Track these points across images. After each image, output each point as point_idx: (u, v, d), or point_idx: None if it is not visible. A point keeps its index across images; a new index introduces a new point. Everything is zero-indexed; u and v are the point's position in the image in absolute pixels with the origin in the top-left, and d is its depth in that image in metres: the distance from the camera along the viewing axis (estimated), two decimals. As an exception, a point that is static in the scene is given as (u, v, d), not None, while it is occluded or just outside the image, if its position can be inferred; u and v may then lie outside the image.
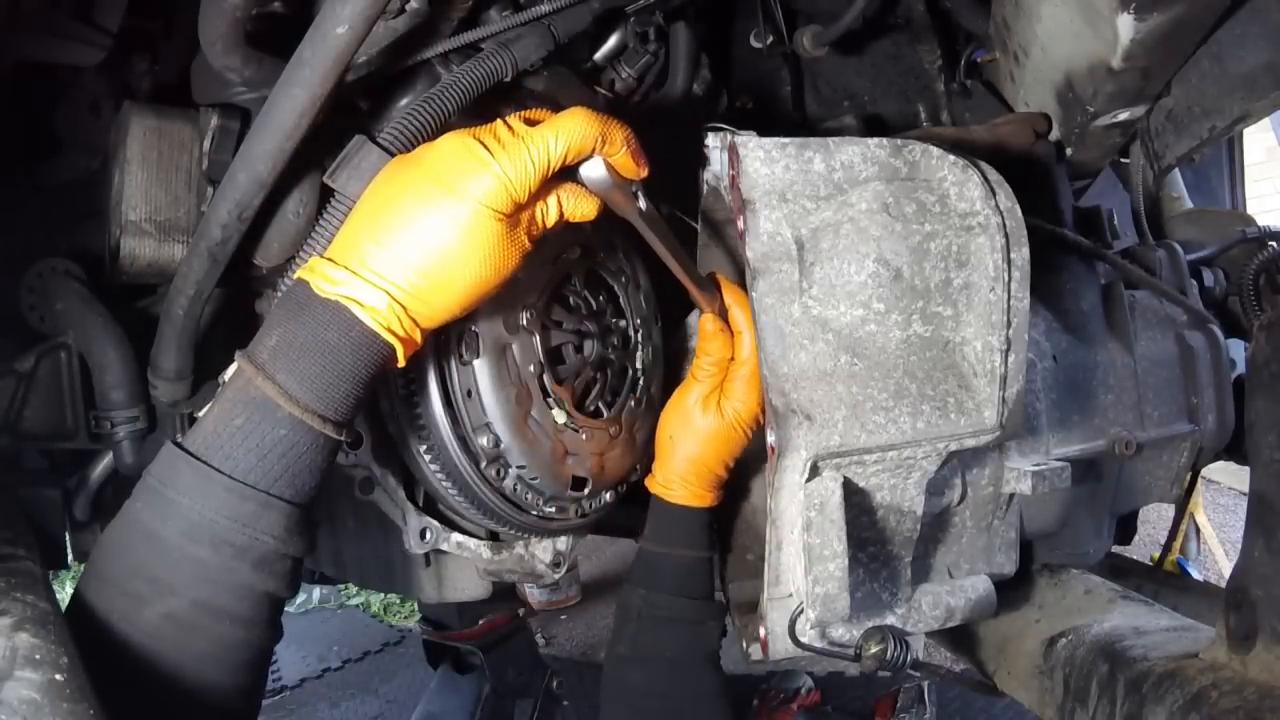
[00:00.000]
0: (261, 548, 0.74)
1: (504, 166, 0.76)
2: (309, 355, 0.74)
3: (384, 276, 0.75)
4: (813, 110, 1.51)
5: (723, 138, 0.97)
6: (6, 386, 1.05)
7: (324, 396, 0.75)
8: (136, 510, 0.74)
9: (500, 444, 0.99)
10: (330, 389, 0.75)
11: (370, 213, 0.77)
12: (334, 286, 0.74)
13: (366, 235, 0.76)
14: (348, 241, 0.77)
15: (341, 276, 0.75)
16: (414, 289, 0.76)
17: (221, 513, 0.72)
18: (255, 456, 0.73)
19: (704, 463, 1.05)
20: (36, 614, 0.67)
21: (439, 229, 0.75)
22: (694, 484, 1.06)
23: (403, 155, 0.82)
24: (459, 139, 0.77)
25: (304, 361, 0.74)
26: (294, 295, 0.77)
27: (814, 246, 0.93)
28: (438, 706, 2.61)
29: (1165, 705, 0.94)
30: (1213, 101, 1.25)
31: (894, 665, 0.90)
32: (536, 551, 1.18)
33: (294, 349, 0.74)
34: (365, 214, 0.78)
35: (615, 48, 1.13)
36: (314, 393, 0.74)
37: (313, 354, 0.74)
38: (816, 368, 0.92)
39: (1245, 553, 0.92)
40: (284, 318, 0.76)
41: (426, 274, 0.75)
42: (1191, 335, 1.42)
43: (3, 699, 0.58)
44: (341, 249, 0.77)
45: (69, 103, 1.11)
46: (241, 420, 0.73)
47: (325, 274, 0.75)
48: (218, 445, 0.73)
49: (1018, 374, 0.95)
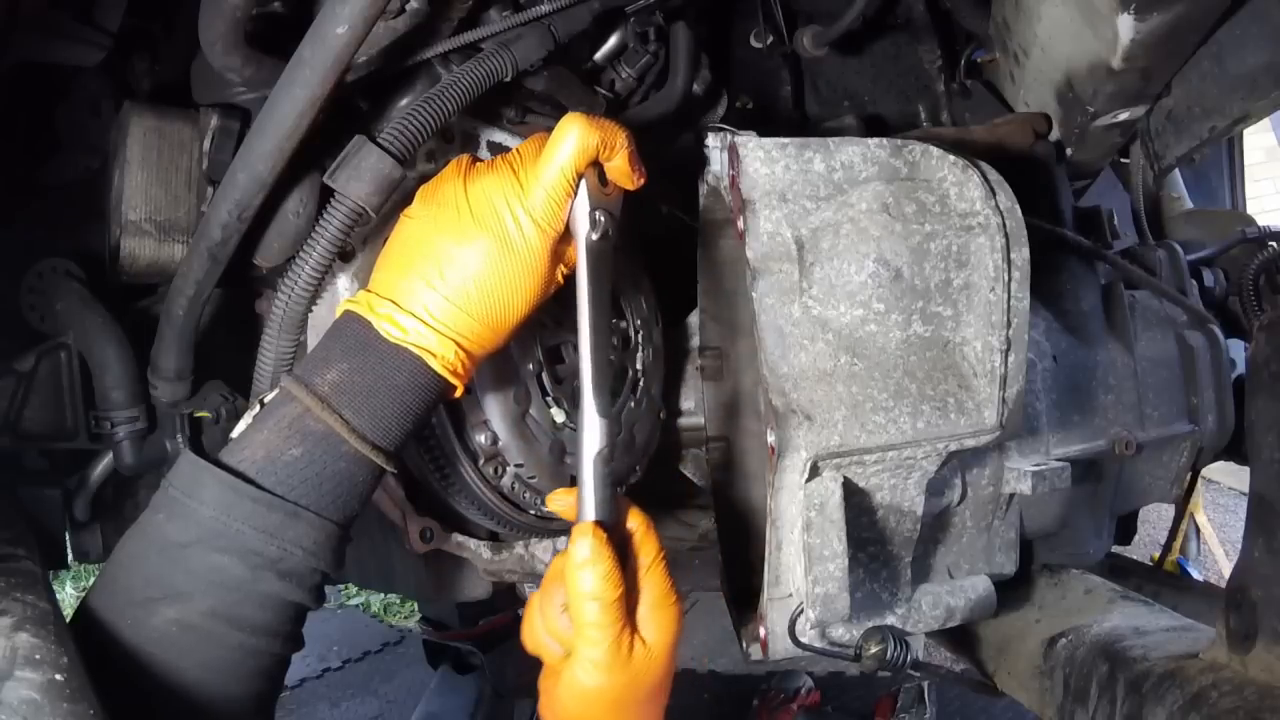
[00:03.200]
0: (291, 559, 0.74)
1: (537, 202, 0.79)
2: (376, 396, 0.76)
3: (451, 327, 0.78)
4: (813, 110, 1.51)
5: (723, 138, 0.97)
6: (6, 386, 1.05)
7: (387, 434, 0.77)
8: (158, 522, 0.74)
9: (498, 442, 0.99)
10: (393, 426, 0.78)
11: (425, 257, 0.79)
12: (404, 335, 0.77)
13: (424, 280, 0.78)
14: (406, 285, 0.78)
15: (410, 325, 0.77)
16: (475, 335, 0.79)
17: (249, 523, 0.72)
18: (310, 486, 0.75)
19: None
20: (36, 614, 0.67)
21: (497, 275, 0.78)
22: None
23: (433, 191, 0.83)
24: (497, 180, 0.79)
25: (372, 401, 0.76)
26: (353, 333, 0.78)
27: (814, 246, 0.93)
28: (438, 706, 2.61)
29: (1165, 705, 0.94)
30: (1213, 101, 1.25)
31: (894, 665, 0.90)
32: (536, 551, 1.18)
33: (359, 389, 0.76)
34: (418, 257, 0.79)
35: (615, 48, 1.13)
36: (379, 430, 0.77)
37: (380, 395, 0.76)
38: (816, 368, 0.92)
39: (1245, 553, 0.92)
40: (344, 353, 0.77)
41: (487, 319, 0.79)
42: (1191, 335, 1.42)
43: (3, 699, 0.58)
44: (402, 292, 0.78)
45: (69, 103, 1.11)
46: (300, 451, 0.74)
47: (393, 319, 0.77)
48: (270, 472, 0.74)
49: (1018, 374, 0.95)
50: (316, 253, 0.84)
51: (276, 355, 0.90)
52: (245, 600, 0.73)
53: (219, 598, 0.72)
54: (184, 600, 0.71)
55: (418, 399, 0.78)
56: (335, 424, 0.75)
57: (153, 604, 0.71)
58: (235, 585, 0.72)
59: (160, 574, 0.72)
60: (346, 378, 0.76)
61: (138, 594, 0.72)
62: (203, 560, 0.71)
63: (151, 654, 0.70)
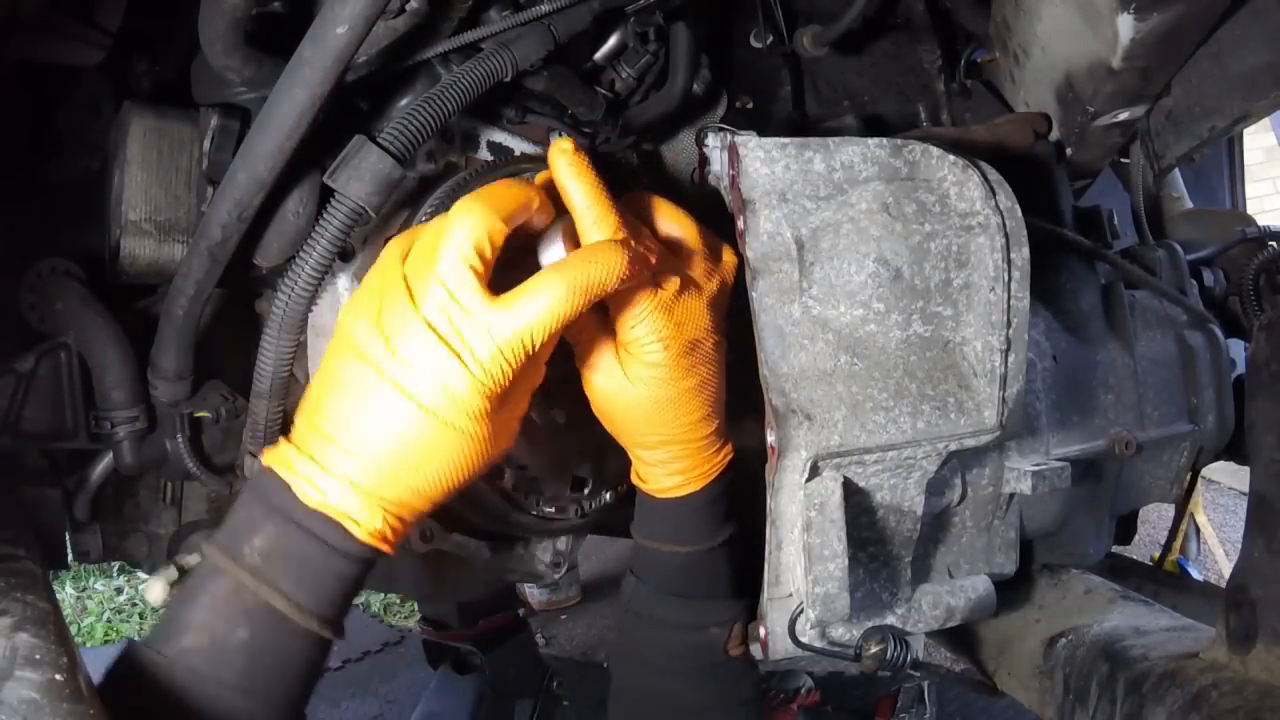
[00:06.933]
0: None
1: (475, 377, 0.68)
2: (310, 563, 0.70)
3: (375, 493, 0.70)
4: (813, 110, 1.51)
5: (723, 138, 0.97)
6: (6, 386, 1.05)
7: (332, 603, 0.72)
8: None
9: (500, 444, 0.99)
10: (336, 593, 0.71)
11: (346, 407, 0.70)
12: (324, 499, 0.69)
13: (343, 439, 0.69)
14: (324, 442, 0.70)
15: (331, 488, 0.69)
16: (406, 503, 0.72)
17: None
18: (271, 674, 0.69)
19: (674, 440, 0.86)
20: (36, 614, 0.67)
21: (431, 451, 0.69)
22: (675, 466, 0.88)
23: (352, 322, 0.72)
24: (418, 343, 0.68)
25: (305, 569, 0.70)
26: (274, 493, 0.71)
27: (814, 246, 0.93)
28: (438, 706, 2.61)
29: (1165, 705, 0.94)
30: (1213, 101, 1.25)
31: (894, 665, 0.90)
32: (536, 551, 1.18)
33: (291, 556, 0.69)
34: (340, 404, 0.70)
35: (615, 48, 1.13)
36: (323, 601, 0.71)
37: (313, 561, 0.70)
38: (816, 368, 0.92)
39: (1245, 553, 0.92)
40: (265, 515, 0.70)
41: (420, 490, 0.71)
42: (1191, 335, 1.42)
43: (3, 699, 0.58)
44: (322, 449, 0.70)
45: (69, 103, 1.11)
46: (247, 633, 0.68)
47: (312, 482, 0.69)
48: (225, 664, 0.68)
49: (1018, 374, 0.95)
50: (316, 253, 0.84)
51: (276, 355, 0.90)
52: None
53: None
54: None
55: (352, 566, 0.71)
56: (276, 600, 0.68)
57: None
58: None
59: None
60: (274, 544, 0.69)
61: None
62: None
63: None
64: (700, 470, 0.89)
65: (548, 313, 0.68)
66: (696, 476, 0.89)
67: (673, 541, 0.92)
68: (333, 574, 0.71)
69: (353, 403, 0.70)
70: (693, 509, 0.90)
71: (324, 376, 0.73)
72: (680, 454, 0.87)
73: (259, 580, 0.68)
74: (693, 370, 0.82)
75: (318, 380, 0.74)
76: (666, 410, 0.82)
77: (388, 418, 0.69)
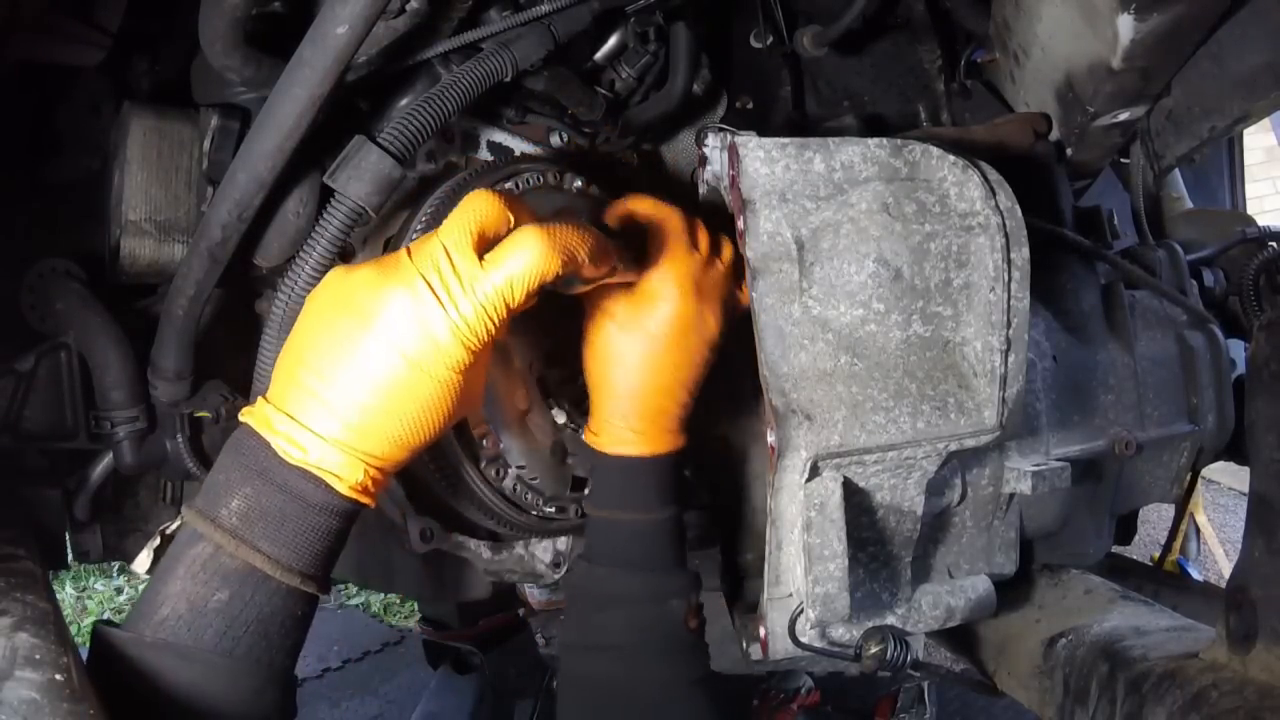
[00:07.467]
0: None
1: (459, 328, 0.70)
2: (289, 521, 0.70)
3: (356, 447, 0.71)
4: (813, 110, 1.51)
5: (723, 138, 0.97)
6: (6, 386, 1.05)
7: (314, 559, 0.72)
8: None
9: (500, 443, 0.99)
10: (318, 548, 0.72)
11: (326, 363, 0.71)
12: (305, 455, 0.70)
13: (323, 393, 0.70)
14: (304, 397, 0.71)
15: (310, 444, 0.70)
16: (386, 454, 0.72)
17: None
18: (253, 632, 0.69)
19: (644, 396, 0.89)
20: (36, 614, 0.67)
21: (408, 396, 0.71)
22: (635, 423, 0.90)
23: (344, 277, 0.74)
24: (408, 293, 0.70)
25: (286, 527, 0.70)
26: (251, 453, 0.71)
27: (814, 246, 0.93)
28: (438, 706, 2.61)
29: (1165, 705, 0.94)
30: (1213, 101, 1.25)
31: (894, 665, 0.90)
32: (536, 551, 1.18)
33: (270, 515, 0.70)
34: (318, 361, 0.71)
35: (615, 48, 1.13)
36: (304, 557, 0.71)
37: (293, 520, 0.70)
38: (816, 368, 0.92)
39: (1245, 553, 0.92)
40: (244, 477, 0.71)
41: (398, 439, 0.72)
42: (1191, 335, 1.42)
43: (3, 699, 0.58)
44: (301, 405, 0.71)
45: (69, 103, 1.11)
46: (226, 595, 0.68)
47: (291, 438, 0.70)
48: (204, 626, 0.68)
49: (1018, 374, 0.95)
50: (316, 253, 0.84)
51: (276, 355, 0.90)
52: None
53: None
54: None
55: (333, 520, 0.72)
56: (255, 559, 0.69)
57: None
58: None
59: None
60: (253, 504, 0.70)
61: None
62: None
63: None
64: (654, 438, 0.91)
65: (526, 268, 0.71)
66: (649, 441, 0.91)
67: (627, 508, 0.93)
68: (314, 529, 0.71)
69: (336, 354, 0.71)
70: (644, 472, 0.92)
71: (306, 332, 0.74)
72: (642, 413, 0.90)
73: (238, 541, 0.69)
74: (687, 338, 0.89)
75: (296, 337, 0.74)
76: (649, 365, 0.88)
77: (371, 367, 0.70)
